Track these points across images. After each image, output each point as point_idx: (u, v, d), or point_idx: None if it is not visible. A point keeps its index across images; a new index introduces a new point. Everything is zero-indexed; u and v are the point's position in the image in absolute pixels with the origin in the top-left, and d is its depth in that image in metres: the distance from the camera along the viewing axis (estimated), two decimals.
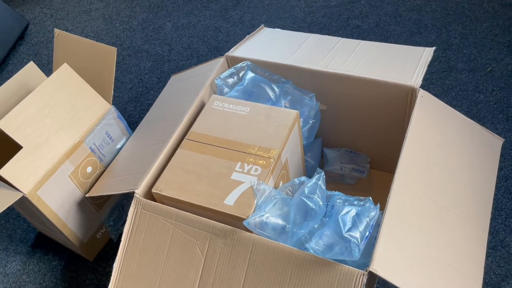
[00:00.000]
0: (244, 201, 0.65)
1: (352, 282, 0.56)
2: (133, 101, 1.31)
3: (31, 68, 0.89)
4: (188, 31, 1.51)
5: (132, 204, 0.70)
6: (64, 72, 0.81)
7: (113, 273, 0.68)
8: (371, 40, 1.34)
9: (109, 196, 0.93)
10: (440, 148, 0.71)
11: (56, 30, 0.90)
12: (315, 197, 0.61)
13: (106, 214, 0.94)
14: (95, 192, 0.80)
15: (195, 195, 0.68)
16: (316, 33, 1.05)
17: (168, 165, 0.72)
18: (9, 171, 0.72)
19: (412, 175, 0.66)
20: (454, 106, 1.11)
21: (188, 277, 0.65)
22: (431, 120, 0.73)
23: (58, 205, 0.81)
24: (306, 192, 0.62)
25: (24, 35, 1.64)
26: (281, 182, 0.75)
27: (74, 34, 1.60)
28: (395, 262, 0.56)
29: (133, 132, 0.90)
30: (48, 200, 0.79)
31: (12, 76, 0.85)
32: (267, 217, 0.63)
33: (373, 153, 0.94)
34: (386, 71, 0.81)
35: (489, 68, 1.17)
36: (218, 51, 1.41)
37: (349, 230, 0.56)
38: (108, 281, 0.92)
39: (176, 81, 0.98)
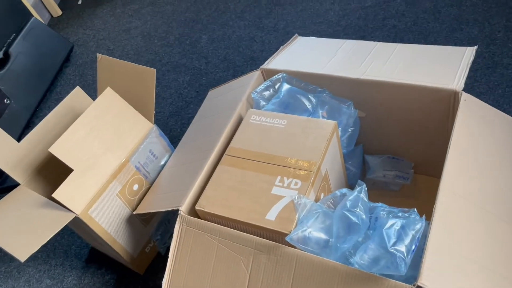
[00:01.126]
0: (285, 216, 0.65)
1: None
2: (174, 116, 1.35)
3: (77, 93, 0.94)
4: (223, 43, 1.53)
5: (177, 221, 0.72)
6: (107, 96, 0.84)
7: None
8: (409, 39, 1.31)
9: (154, 213, 0.97)
10: (487, 153, 0.68)
11: (99, 55, 0.94)
12: (358, 210, 0.60)
13: (153, 229, 0.97)
14: (142, 210, 0.83)
15: (237, 211, 0.69)
16: (352, 35, 1.04)
17: (210, 181, 0.74)
18: (62, 193, 0.76)
19: (458, 183, 0.64)
20: (501, 104, 1.06)
21: None
22: (476, 124, 0.70)
23: (108, 222, 0.85)
24: (348, 206, 0.62)
25: (70, 57, 1.72)
26: (322, 194, 0.75)
27: (116, 52, 1.67)
28: (444, 275, 0.55)
29: (175, 148, 0.93)
30: (98, 219, 0.82)
31: (60, 97, 0.91)
32: (310, 231, 0.62)
33: (416, 157, 0.92)
34: (426, 75, 0.79)
35: None
36: (253, 61, 1.42)
37: (394, 244, 0.55)
38: None
39: (213, 96, 1.00)
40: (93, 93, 1.53)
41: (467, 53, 0.82)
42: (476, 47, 0.83)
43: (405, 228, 0.57)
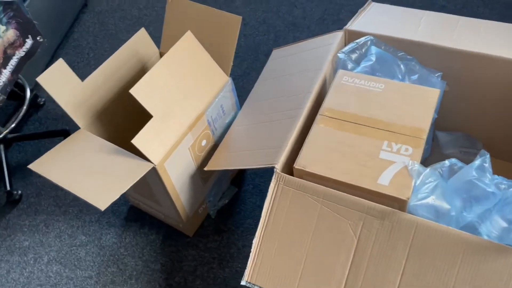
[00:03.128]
0: (400, 182, 0.62)
1: None
2: None
3: (141, 36, 0.86)
4: (261, 5, 1.46)
5: (273, 180, 0.67)
6: (187, 40, 0.77)
7: (252, 250, 0.66)
8: None
9: (214, 171, 0.91)
10: None
11: None
12: (488, 178, 0.58)
13: (209, 188, 0.92)
14: (217, 166, 0.77)
15: (343, 173, 0.65)
16: None
17: (307, 141, 0.69)
18: (141, 140, 0.70)
19: None
20: None
21: (339, 257, 0.62)
22: None
23: (177, 177, 0.79)
24: (475, 174, 0.59)
25: (87, 2, 1.59)
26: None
27: (141, 3, 1.56)
28: None
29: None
30: (171, 172, 0.76)
31: (78, 44, 0.81)
32: (433, 199, 0.60)
33: (489, 139, 0.91)
34: None
35: None
36: (295, 27, 1.37)
37: None
38: (211, 257, 0.90)
39: (280, 55, 0.94)
40: (117, 43, 1.42)
41: None
42: None
43: None
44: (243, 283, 0.66)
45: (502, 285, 0.54)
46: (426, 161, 0.69)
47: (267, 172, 1.02)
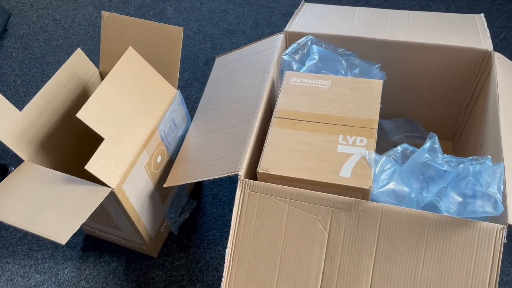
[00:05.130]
0: (361, 172, 0.65)
1: (493, 237, 0.58)
2: None
3: (78, 56, 0.82)
4: (193, 15, 1.45)
5: (238, 187, 0.67)
6: (130, 56, 0.75)
7: (226, 260, 0.65)
8: None
9: (172, 187, 0.89)
10: None
11: (104, 13, 0.83)
12: (440, 158, 0.62)
13: (168, 205, 0.89)
14: (177, 181, 0.76)
15: (307, 171, 0.66)
16: None
17: (266, 144, 0.70)
18: (95, 165, 0.66)
19: None
20: None
21: (312, 253, 0.63)
22: None
23: (136, 199, 0.76)
24: (428, 156, 0.63)
25: (6, 27, 1.49)
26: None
27: (65, 23, 1.49)
28: None
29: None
30: (129, 194, 0.73)
31: (3, 72, 0.77)
32: (394, 184, 0.63)
33: (428, 121, 0.97)
34: (452, 37, 0.83)
35: (502, 35, 1.24)
36: (231, 33, 1.37)
37: (488, 186, 0.58)
38: (180, 275, 0.88)
39: (225, 62, 0.94)
40: (45, 67, 1.35)
41: (478, 19, 0.88)
42: (483, 14, 0.90)
43: (488, 171, 0.60)
44: None
45: (467, 255, 0.58)
46: (376, 149, 0.72)
47: (225, 181, 1.02)
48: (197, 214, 0.97)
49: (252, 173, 0.71)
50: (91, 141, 0.73)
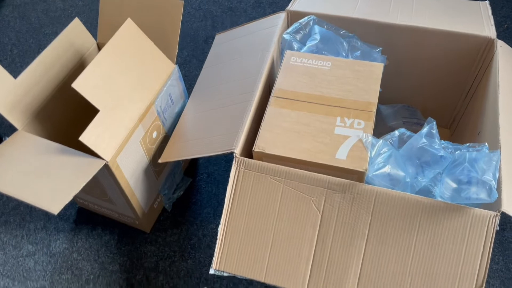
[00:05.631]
0: (357, 155, 0.64)
1: (485, 224, 0.58)
2: None
3: (75, 26, 0.80)
4: None
5: (233, 165, 0.66)
6: (128, 28, 0.73)
7: (218, 237, 0.65)
8: None
9: (167, 163, 0.89)
10: None
11: None
12: (437, 143, 0.62)
13: (162, 182, 0.89)
14: (172, 157, 0.75)
15: (303, 152, 0.66)
16: None
17: (263, 124, 0.69)
18: (89, 137, 0.66)
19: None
20: None
21: (305, 233, 0.64)
22: None
23: (130, 173, 0.76)
24: (425, 141, 0.62)
25: None
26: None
27: None
28: None
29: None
30: (124, 168, 0.73)
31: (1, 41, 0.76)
32: (389, 168, 0.62)
33: (426, 108, 0.96)
34: (456, 23, 0.82)
35: (506, 25, 1.23)
36: (232, 11, 1.35)
37: (483, 173, 0.58)
38: (172, 251, 0.89)
39: (225, 39, 0.93)
40: (42, 38, 1.33)
41: (483, 6, 0.87)
42: (487, 1, 0.89)
43: (484, 159, 0.60)
44: (211, 272, 0.65)
45: (458, 241, 0.59)
46: (373, 134, 0.72)
47: (221, 160, 1.01)
48: (191, 192, 0.97)
49: (248, 152, 0.71)
50: (86, 113, 0.72)
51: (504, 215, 0.57)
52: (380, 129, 0.94)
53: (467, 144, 0.64)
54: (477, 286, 0.58)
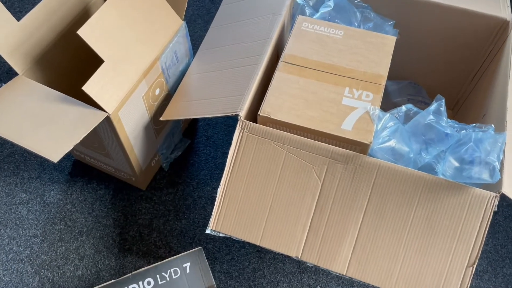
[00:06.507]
0: (362, 127, 0.64)
1: (484, 204, 0.59)
2: None
3: None
4: None
5: (237, 127, 0.66)
6: None
7: (217, 197, 0.65)
8: None
9: (167, 122, 0.87)
10: None
11: None
12: (444, 121, 0.61)
13: (161, 140, 0.88)
14: (175, 115, 0.74)
15: (308, 120, 0.65)
16: None
17: (270, 88, 0.68)
18: (92, 87, 0.64)
19: None
20: None
21: (304, 200, 0.64)
22: None
23: (131, 128, 0.75)
24: (432, 118, 0.62)
25: None
26: None
27: None
28: None
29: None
30: (125, 123, 0.72)
31: None
32: (394, 142, 0.62)
33: (432, 87, 0.95)
34: (471, 2, 0.80)
35: None
36: None
37: (488, 154, 0.58)
38: (167, 210, 0.89)
39: (235, 0, 0.90)
40: None
41: None
42: None
43: (490, 140, 0.60)
44: (208, 231, 0.65)
45: (455, 219, 0.59)
46: None
47: (220, 123, 1.00)
48: (189, 153, 0.96)
49: (253, 116, 0.70)
50: (89, 63, 0.70)
51: (503, 197, 0.58)
52: (384, 105, 0.93)
53: (474, 124, 0.64)
54: (470, 264, 0.59)
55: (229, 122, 0.99)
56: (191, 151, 0.97)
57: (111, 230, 0.86)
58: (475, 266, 0.59)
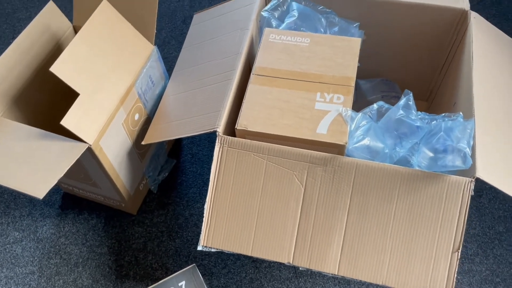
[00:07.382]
0: (337, 129, 0.66)
1: (461, 190, 0.61)
2: None
3: (50, 9, 0.79)
4: None
5: (216, 143, 0.67)
6: (104, 10, 0.73)
7: (205, 214, 0.67)
8: None
9: (150, 145, 0.89)
10: (503, 70, 0.76)
11: None
12: (414, 114, 0.64)
13: (146, 164, 0.90)
14: (155, 138, 0.75)
15: (284, 128, 0.67)
16: None
17: (245, 101, 0.70)
18: (71, 121, 0.66)
19: (487, 89, 0.70)
20: None
21: (289, 207, 0.65)
22: (488, 42, 0.77)
23: (114, 155, 0.76)
24: (402, 112, 0.64)
25: None
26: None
27: None
28: (497, 168, 0.62)
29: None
30: (107, 151, 0.73)
31: None
32: (368, 140, 0.64)
33: (404, 81, 0.98)
34: None
35: None
36: None
37: (458, 141, 0.60)
38: (160, 231, 0.90)
39: (204, 19, 0.92)
40: (16, 23, 1.29)
41: None
42: None
43: (459, 127, 0.62)
44: (199, 248, 0.66)
45: (436, 207, 0.61)
46: (352, 108, 0.74)
47: (204, 140, 1.02)
48: (176, 173, 0.98)
49: (231, 130, 0.72)
50: (66, 97, 0.72)
51: (480, 182, 0.59)
52: (360, 104, 0.95)
53: (443, 114, 0.66)
54: (454, 249, 0.61)
55: (212, 138, 1.01)
56: (178, 170, 0.98)
57: (107, 258, 0.87)
58: (459, 251, 0.60)
